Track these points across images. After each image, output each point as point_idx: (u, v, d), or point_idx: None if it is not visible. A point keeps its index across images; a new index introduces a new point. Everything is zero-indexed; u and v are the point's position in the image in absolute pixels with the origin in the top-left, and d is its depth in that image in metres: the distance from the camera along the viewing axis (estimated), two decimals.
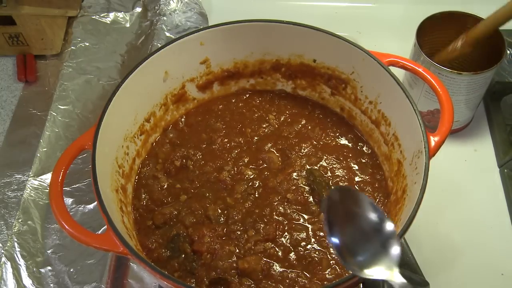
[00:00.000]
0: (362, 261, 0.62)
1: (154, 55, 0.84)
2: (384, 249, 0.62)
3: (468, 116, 1.05)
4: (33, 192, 0.97)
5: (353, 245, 0.62)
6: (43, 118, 1.08)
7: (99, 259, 0.89)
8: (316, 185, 0.84)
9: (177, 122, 0.95)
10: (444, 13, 1.00)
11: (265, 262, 0.77)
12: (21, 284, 0.87)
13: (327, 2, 1.32)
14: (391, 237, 0.62)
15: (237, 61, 0.94)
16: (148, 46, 1.19)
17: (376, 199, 0.84)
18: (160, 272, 0.64)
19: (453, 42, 0.99)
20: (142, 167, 0.89)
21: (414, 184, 0.73)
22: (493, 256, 0.92)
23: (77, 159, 0.76)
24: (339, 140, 0.92)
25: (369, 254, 0.62)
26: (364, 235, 0.63)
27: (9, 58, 1.21)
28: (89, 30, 1.21)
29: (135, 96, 0.84)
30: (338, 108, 0.94)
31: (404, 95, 0.77)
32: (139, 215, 0.83)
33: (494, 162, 1.04)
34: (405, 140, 0.81)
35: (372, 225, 0.63)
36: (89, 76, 1.14)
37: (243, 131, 0.92)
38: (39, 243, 0.92)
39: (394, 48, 0.90)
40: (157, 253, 0.79)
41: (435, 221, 0.96)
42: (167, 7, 1.23)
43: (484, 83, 0.97)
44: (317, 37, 0.86)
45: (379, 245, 0.62)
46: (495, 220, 0.97)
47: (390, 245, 0.62)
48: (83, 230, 0.67)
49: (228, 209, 0.82)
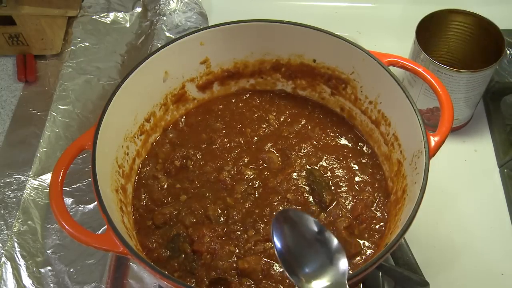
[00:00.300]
0: (311, 276, 0.63)
1: (154, 55, 0.84)
2: (332, 265, 0.64)
3: (467, 114, 1.05)
4: (33, 192, 0.97)
5: (302, 262, 0.64)
6: (43, 118, 1.08)
7: (99, 259, 0.89)
8: (316, 185, 0.84)
9: (177, 122, 0.95)
10: (443, 11, 1.00)
11: (265, 262, 0.77)
12: (21, 284, 0.87)
13: (327, 2, 1.32)
14: (338, 252, 0.64)
15: (237, 61, 0.94)
16: (148, 46, 1.19)
17: (376, 199, 0.84)
18: (160, 272, 0.64)
19: None
20: (142, 167, 0.89)
21: (414, 184, 0.73)
22: (493, 256, 0.92)
23: (77, 159, 0.76)
24: (339, 140, 0.92)
25: (319, 270, 0.63)
26: (312, 253, 0.65)
27: (9, 58, 1.21)
28: (89, 30, 1.21)
29: (135, 96, 0.84)
30: (338, 108, 0.94)
31: (404, 95, 0.78)
32: (139, 215, 0.83)
33: (494, 162, 1.04)
34: (405, 140, 0.81)
35: (319, 242, 0.65)
36: (89, 76, 1.14)
37: (243, 131, 0.92)
38: (39, 243, 0.92)
39: (394, 48, 0.90)
40: (157, 253, 0.79)
41: (435, 221, 0.96)
42: (167, 7, 1.23)
43: (483, 81, 0.97)
44: (317, 37, 0.86)
45: (328, 261, 0.64)
46: (495, 220, 0.97)
47: (338, 259, 0.64)
48: (83, 230, 0.67)
49: (228, 209, 0.82)
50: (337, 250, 0.65)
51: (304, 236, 0.66)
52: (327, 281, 0.62)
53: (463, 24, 1.01)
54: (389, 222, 0.80)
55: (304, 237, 0.66)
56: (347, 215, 0.82)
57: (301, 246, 0.65)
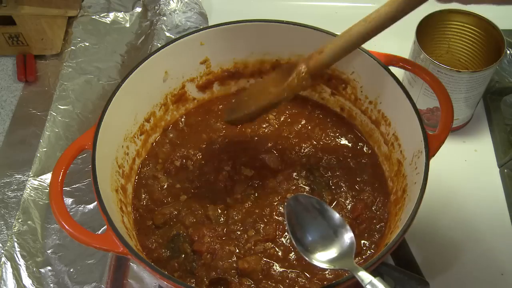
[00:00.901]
0: (317, 247, 0.69)
1: (154, 55, 0.84)
2: (337, 237, 0.69)
3: (467, 114, 1.05)
4: (33, 192, 0.97)
5: (307, 233, 0.70)
6: (43, 118, 1.08)
7: (99, 259, 0.89)
8: (316, 185, 0.84)
9: (177, 122, 0.95)
10: (443, 11, 1.00)
11: (265, 262, 0.77)
12: (21, 284, 0.87)
13: (327, 2, 1.32)
14: (341, 227, 0.70)
15: (237, 61, 0.94)
16: (148, 46, 1.19)
17: (376, 199, 0.84)
18: (160, 272, 0.64)
19: (288, 73, 0.77)
20: (142, 167, 0.89)
21: (414, 184, 0.73)
22: (493, 256, 0.92)
23: (77, 159, 0.76)
24: (339, 140, 0.92)
25: (324, 242, 0.69)
26: (317, 225, 0.70)
27: (9, 58, 1.21)
28: (89, 30, 1.21)
29: (135, 96, 0.84)
30: (338, 108, 0.94)
31: (404, 95, 0.78)
32: (139, 215, 0.83)
33: (494, 162, 1.04)
34: (405, 140, 0.81)
35: (324, 219, 0.71)
36: (89, 76, 1.14)
37: (243, 131, 0.92)
38: (39, 243, 0.92)
39: (394, 48, 0.90)
40: (157, 253, 0.79)
41: (435, 221, 0.96)
42: (167, 7, 1.23)
43: (483, 81, 0.97)
44: (317, 37, 0.86)
45: (333, 234, 0.70)
46: (495, 220, 0.96)
47: (342, 234, 0.69)
48: (83, 230, 0.67)
49: (228, 209, 0.82)
50: (340, 225, 0.70)
51: (310, 213, 0.71)
52: (335, 253, 0.68)
53: (463, 24, 1.01)
54: (389, 222, 0.80)
55: (311, 214, 0.71)
56: (347, 215, 0.82)
57: (307, 220, 0.71)
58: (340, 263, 0.66)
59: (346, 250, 0.68)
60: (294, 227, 0.70)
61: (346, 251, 0.68)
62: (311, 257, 0.68)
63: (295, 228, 0.70)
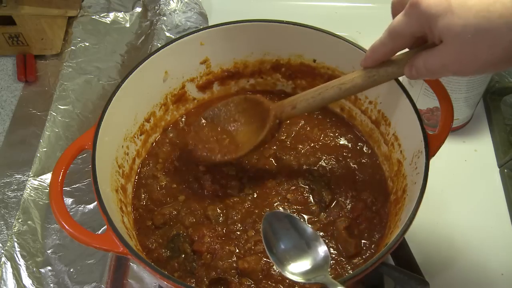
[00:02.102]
0: (291, 259, 0.69)
1: (154, 55, 0.84)
2: (310, 249, 0.69)
3: (467, 114, 1.05)
4: (33, 192, 0.97)
5: (282, 244, 0.70)
6: (43, 118, 1.08)
7: (99, 259, 0.89)
8: (316, 185, 0.84)
9: (177, 122, 0.95)
10: None
11: (265, 262, 0.77)
12: (21, 284, 0.87)
13: (327, 2, 1.32)
14: (314, 240, 0.70)
15: (237, 61, 0.94)
16: (148, 46, 1.19)
17: (376, 199, 0.84)
18: (160, 272, 0.64)
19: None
20: (142, 167, 0.89)
21: (414, 184, 0.73)
22: (493, 256, 0.92)
23: (77, 159, 0.76)
24: (339, 140, 0.91)
25: (298, 254, 0.69)
26: (290, 238, 0.71)
27: (9, 58, 1.21)
28: (89, 30, 1.21)
29: (135, 96, 0.84)
30: (338, 108, 0.94)
31: (404, 95, 0.78)
32: (139, 215, 0.83)
33: (494, 162, 1.04)
34: (405, 140, 0.81)
35: (297, 233, 0.71)
36: (89, 76, 1.14)
37: None
38: (39, 243, 0.92)
39: None
40: (157, 253, 0.79)
41: (435, 221, 0.96)
42: (167, 7, 1.23)
43: (483, 81, 0.97)
44: (317, 37, 0.86)
45: (306, 247, 0.70)
46: (495, 220, 0.97)
47: (315, 246, 0.69)
48: (83, 230, 0.67)
49: (227, 209, 0.82)
50: (313, 238, 0.70)
51: (283, 224, 0.72)
52: (308, 265, 0.68)
53: None
54: (389, 222, 0.80)
55: (284, 225, 0.72)
56: (347, 215, 0.82)
57: (281, 231, 0.71)
58: (315, 277, 0.66)
59: (320, 263, 0.68)
60: (268, 239, 0.70)
61: (320, 264, 0.68)
62: (285, 269, 0.67)
63: (269, 239, 0.70)
